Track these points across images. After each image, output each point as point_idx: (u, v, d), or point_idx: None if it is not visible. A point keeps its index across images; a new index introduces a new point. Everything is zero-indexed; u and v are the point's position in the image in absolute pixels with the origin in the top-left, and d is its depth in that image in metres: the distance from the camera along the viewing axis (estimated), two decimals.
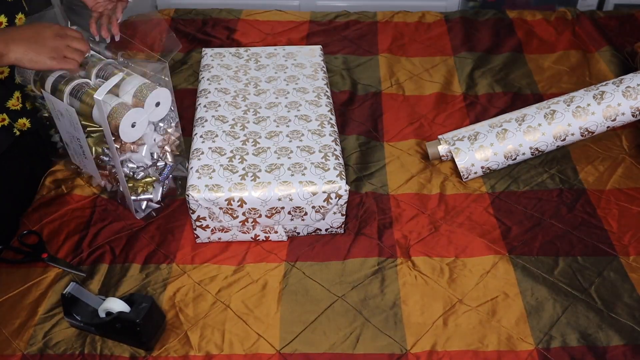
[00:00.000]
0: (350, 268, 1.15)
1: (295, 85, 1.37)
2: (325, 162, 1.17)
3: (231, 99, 1.32)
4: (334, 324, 1.06)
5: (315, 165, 1.16)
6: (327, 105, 1.32)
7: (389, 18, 1.88)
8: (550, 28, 1.83)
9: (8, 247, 1.18)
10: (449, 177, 1.35)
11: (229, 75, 1.40)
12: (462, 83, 1.62)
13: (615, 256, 1.17)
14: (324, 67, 1.45)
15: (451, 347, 1.03)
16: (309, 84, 1.38)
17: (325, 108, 1.30)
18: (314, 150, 1.19)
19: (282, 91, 1.35)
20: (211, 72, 1.42)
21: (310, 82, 1.38)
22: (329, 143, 1.21)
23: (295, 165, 1.16)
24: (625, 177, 1.33)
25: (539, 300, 1.09)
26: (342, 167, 1.17)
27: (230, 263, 1.17)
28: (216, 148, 1.19)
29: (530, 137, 1.31)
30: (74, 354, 1.02)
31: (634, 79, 1.29)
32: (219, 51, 1.50)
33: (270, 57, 1.47)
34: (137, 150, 1.16)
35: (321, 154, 1.18)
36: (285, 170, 1.15)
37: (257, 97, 1.34)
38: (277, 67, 1.43)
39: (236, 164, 1.16)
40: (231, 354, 1.02)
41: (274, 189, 1.12)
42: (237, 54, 1.49)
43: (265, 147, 1.20)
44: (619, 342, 1.02)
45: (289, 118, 1.27)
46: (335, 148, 1.21)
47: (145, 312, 0.99)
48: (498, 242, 1.20)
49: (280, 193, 1.12)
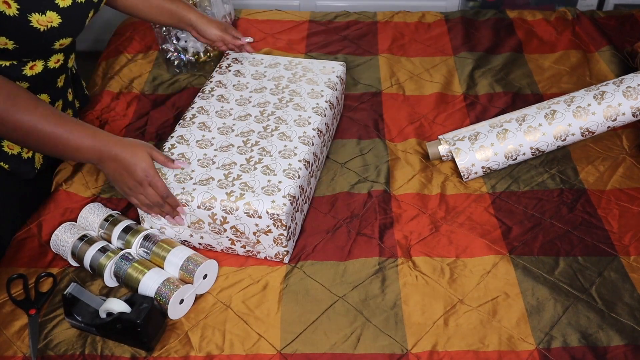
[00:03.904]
0: (351, 268, 1.15)
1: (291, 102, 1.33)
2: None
3: (222, 109, 1.30)
4: (335, 324, 1.06)
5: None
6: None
7: (389, 18, 1.88)
8: (550, 28, 1.83)
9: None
10: (449, 177, 1.35)
11: (233, 84, 1.37)
12: (463, 83, 1.62)
13: (616, 256, 1.17)
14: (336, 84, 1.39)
15: (452, 347, 1.03)
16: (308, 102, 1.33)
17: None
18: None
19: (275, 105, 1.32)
20: (219, 77, 1.40)
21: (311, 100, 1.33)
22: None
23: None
24: (625, 177, 1.33)
25: (539, 300, 1.09)
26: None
27: (231, 263, 1.16)
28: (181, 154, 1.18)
29: (530, 137, 1.31)
30: (75, 354, 1.02)
31: (635, 79, 1.29)
32: (238, 56, 1.47)
33: (287, 69, 1.42)
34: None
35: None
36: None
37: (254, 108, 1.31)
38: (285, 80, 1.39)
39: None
40: (232, 354, 1.02)
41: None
42: (254, 61, 1.45)
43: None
44: (619, 342, 1.02)
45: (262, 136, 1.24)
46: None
47: (146, 312, 0.99)
48: (499, 242, 1.20)
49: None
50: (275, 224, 1.09)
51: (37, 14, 1.05)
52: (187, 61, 1.66)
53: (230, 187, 1.11)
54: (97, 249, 1.12)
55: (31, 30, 1.06)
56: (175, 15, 1.38)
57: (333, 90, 1.37)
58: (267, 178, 1.13)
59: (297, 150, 1.19)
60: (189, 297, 1.08)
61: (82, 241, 1.13)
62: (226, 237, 1.13)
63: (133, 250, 1.13)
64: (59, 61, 1.20)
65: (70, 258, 1.14)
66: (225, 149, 1.19)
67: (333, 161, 1.38)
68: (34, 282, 1.12)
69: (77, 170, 1.34)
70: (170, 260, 1.10)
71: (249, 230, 1.11)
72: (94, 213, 1.19)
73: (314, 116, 1.28)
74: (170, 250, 1.11)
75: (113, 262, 1.09)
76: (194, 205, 1.10)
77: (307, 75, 1.40)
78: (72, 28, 1.13)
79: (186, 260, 1.09)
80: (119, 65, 1.69)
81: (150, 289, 1.05)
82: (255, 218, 1.08)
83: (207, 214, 1.10)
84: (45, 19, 1.06)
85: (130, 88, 1.60)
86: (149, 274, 1.07)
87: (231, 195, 1.09)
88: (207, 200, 1.09)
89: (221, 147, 1.20)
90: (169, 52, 1.65)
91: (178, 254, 1.11)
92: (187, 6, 1.39)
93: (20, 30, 1.05)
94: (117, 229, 1.15)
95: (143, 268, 1.08)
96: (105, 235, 1.17)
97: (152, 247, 1.12)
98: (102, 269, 1.10)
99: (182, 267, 1.09)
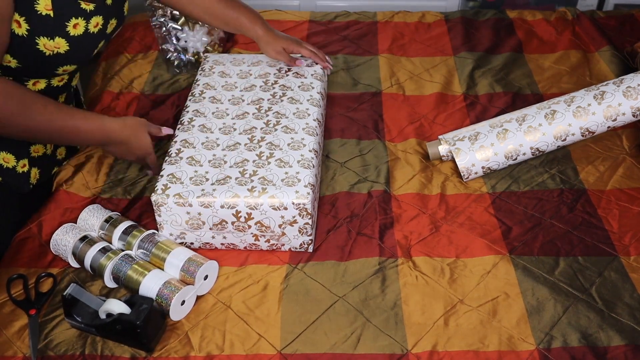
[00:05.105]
0: (352, 268, 1.15)
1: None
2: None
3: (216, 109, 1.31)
4: (335, 324, 1.06)
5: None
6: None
7: (389, 18, 1.88)
8: (550, 28, 1.83)
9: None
10: (449, 177, 1.34)
11: (222, 85, 1.38)
12: (463, 83, 1.62)
13: (616, 256, 1.17)
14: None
15: (452, 347, 1.03)
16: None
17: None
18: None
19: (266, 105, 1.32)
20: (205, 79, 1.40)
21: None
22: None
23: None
24: (625, 177, 1.33)
25: (539, 300, 1.09)
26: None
27: (232, 264, 1.16)
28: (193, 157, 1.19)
29: (530, 137, 1.31)
30: (75, 354, 1.02)
31: (635, 79, 1.29)
32: (218, 57, 1.48)
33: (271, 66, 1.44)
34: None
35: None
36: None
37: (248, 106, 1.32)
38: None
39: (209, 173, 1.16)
40: (232, 354, 1.02)
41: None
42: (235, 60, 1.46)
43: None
44: (619, 342, 1.02)
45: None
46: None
47: (146, 313, 0.99)
48: (499, 242, 1.20)
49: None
50: (301, 214, 1.11)
51: (45, 38, 1.06)
52: (187, 61, 1.65)
53: (250, 183, 1.12)
54: (97, 249, 1.12)
55: (36, 52, 1.07)
56: (241, 28, 1.40)
57: (321, 82, 1.40)
58: (283, 170, 1.15)
59: (305, 141, 1.22)
60: (190, 298, 1.08)
61: (82, 242, 1.13)
62: (250, 233, 1.14)
63: (132, 252, 1.13)
64: (63, 80, 1.21)
65: (70, 259, 1.14)
66: (232, 147, 1.20)
67: (333, 161, 1.38)
68: (34, 283, 1.12)
69: (78, 171, 1.34)
70: (170, 261, 1.10)
71: (274, 223, 1.12)
72: (93, 215, 1.19)
73: (311, 107, 1.31)
74: (170, 251, 1.11)
75: (112, 263, 1.09)
76: (217, 205, 1.10)
77: (293, 69, 1.42)
78: (79, 56, 1.14)
79: (187, 262, 1.09)
80: (119, 65, 1.69)
81: (152, 290, 1.05)
82: (280, 210, 1.10)
83: (231, 212, 1.11)
84: (53, 45, 1.07)
85: (130, 88, 1.60)
86: (150, 275, 1.07)
87: (253, 191, 1.11)
88: (230, 199, 1.10)
89: (228, 147, 1.21)
90: (169, 52, 1.65)
91: (178, 256, 1.10)
92: (252, 18, 1.38)
93: (26, 51, 1.05)
94: (118, 231, 1.15)
95: (143, 270, 1.08)
96: (106, 237, 1.17)
97: (151, 249, 1.12)
98: (103, 270, 1.10)
99: (182, 268, 1.09)
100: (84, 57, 1.16)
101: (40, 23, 1.04)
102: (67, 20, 1.08)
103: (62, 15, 1.07)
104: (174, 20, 1.61)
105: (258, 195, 1.10)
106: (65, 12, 1.07)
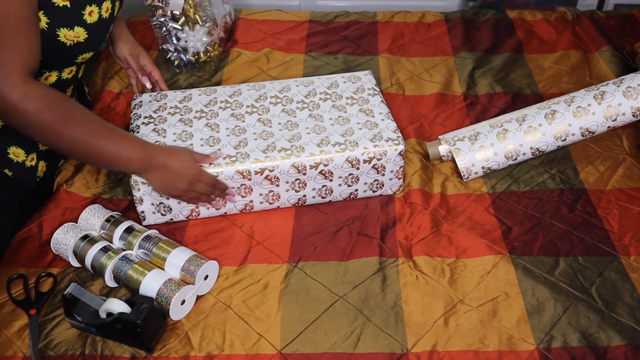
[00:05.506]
0: (352, 268, 1.15)
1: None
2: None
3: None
4: (335, 323, 1.06)
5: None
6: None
7: (389, 18, 1.88)
8: (550, 28, 1.83)
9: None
10: (449, 177, 1.35)
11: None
12: (463, 83, 1.62)
13: (616, 256, 1.17)
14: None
15: (452, 347, 1.03)
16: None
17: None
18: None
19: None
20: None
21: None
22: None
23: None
24: (625, 177, 1.33)
25: (539, 300, 1.09)
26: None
27: (232, 263, 1.17)
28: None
29: (530, 137, 1.31)
30: (75, 354, 1.02)
31: (635, 79, 1.29)
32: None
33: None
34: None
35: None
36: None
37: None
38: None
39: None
40: (232, 354, 1.02)
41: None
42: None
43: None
44: (619, 342, 1.02)
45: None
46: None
47: (146, 313, 0.99)
48: (499, 242, 1.20)
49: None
50: (401, 154, 1.22)
51: (66, 29, 1.07)
52: (187, 61, 1.66)
53: (344, 140, 1.21)
54: (98, 248, 1.12)
55: (58, 44, 1.08)
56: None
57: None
58: (369, 129, 1.24)
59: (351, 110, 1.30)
60: (190, 297, 1.08)
61: (83, 241, 1.13)
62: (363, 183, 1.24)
63: (133, 251, 1.13)
64: (72, 72, 1.21)
65: (71, 258, 1.14)
66: (290, 126, 1.26)
67: None
68: (34, 282, 1.12)
69: (78, 171, 1.34)
70: (170, 261, 1.10)
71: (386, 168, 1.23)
72: (94, 215, 1.19)
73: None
74: (170, 251, 1.11)
75: (113, 263, 1.09)
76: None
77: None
78: (96, 42, 1.16)
79: (187, 262, 1.09)
80: (119, 65, 1.68)
81: (152, 290, 1.05)
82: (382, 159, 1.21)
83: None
84: (73, 34, 1.08)
85: (130, 88, 1.60)
86: (150, 275, 1.07)
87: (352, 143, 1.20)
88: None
89: (286, 125, 1.26)
90: (169, 52, 1.65)
91: (179, 255, 1.11)
92: (119, 21, 1.36)
93: (47, 44, 1.06)
94: (119, 230, 1.15)
95: (143, 269, 1.08)
96: (107, 236, 1.17)
97: (152, 249, 1.12)
98: (104, 269, 1.10)
99: (183, 268, 1.09)
100: (100, 42, 1.18)
101: (59, 14, 1.06)
102: (82, 8, 1.09)
103: (78, 5, 1.09)
104: (174, 20, 1.61)
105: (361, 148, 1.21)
106: (80, 1, 1.09)
